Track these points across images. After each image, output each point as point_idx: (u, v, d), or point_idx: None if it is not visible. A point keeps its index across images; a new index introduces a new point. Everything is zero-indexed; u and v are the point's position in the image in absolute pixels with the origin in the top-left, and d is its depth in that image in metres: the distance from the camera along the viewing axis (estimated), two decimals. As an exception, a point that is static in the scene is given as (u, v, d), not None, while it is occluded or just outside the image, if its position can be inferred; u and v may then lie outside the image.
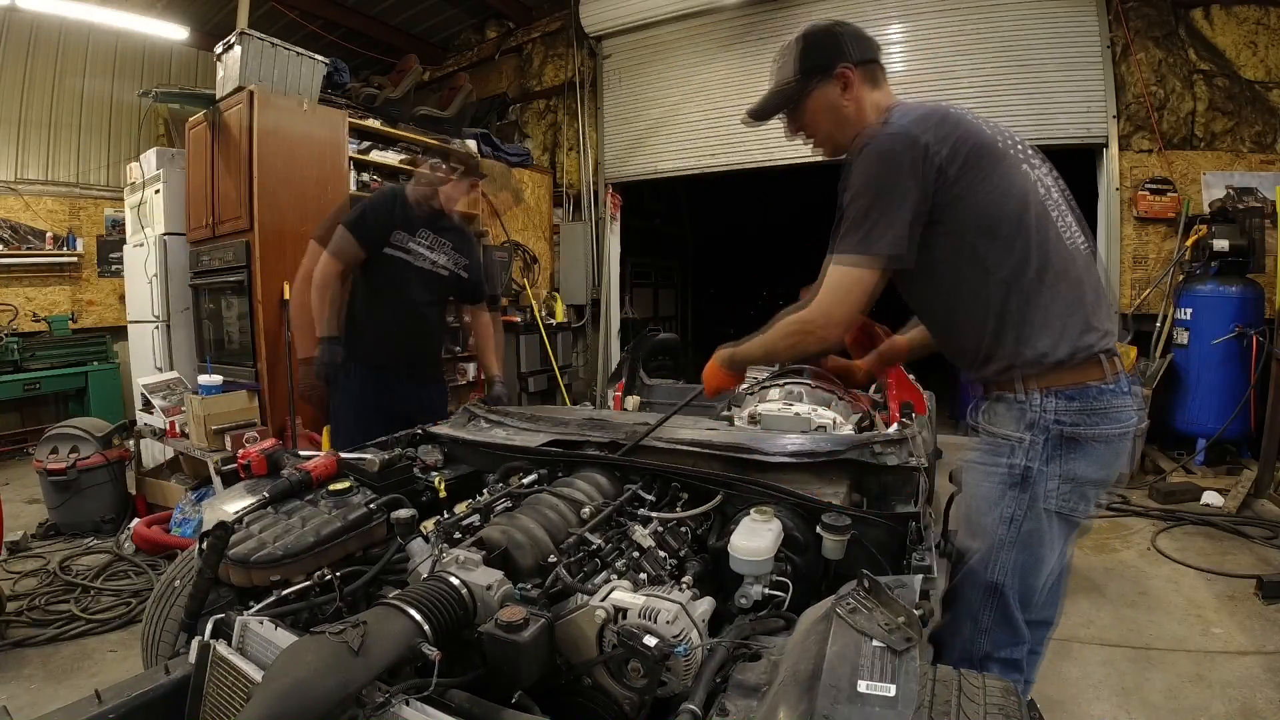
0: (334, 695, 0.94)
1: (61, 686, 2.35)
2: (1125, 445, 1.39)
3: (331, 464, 1.79)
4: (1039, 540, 1.40)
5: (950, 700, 0.93)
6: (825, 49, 1.50)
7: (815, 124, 1.58)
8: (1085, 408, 1.34)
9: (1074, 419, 1.34)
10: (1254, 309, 4.41)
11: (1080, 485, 1.37)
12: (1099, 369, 1.36)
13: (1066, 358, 1.34)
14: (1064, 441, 1.35)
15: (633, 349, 3.99)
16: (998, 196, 1.35)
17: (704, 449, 1.86)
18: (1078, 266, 1.39)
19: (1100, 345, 1.36)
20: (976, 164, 1.34)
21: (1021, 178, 1.38)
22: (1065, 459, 1.36)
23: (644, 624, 1.12)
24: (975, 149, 1.34)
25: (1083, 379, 1.35)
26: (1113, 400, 1.36)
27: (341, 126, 4.79)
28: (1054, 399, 1.35)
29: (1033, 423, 1.36)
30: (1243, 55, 5.02)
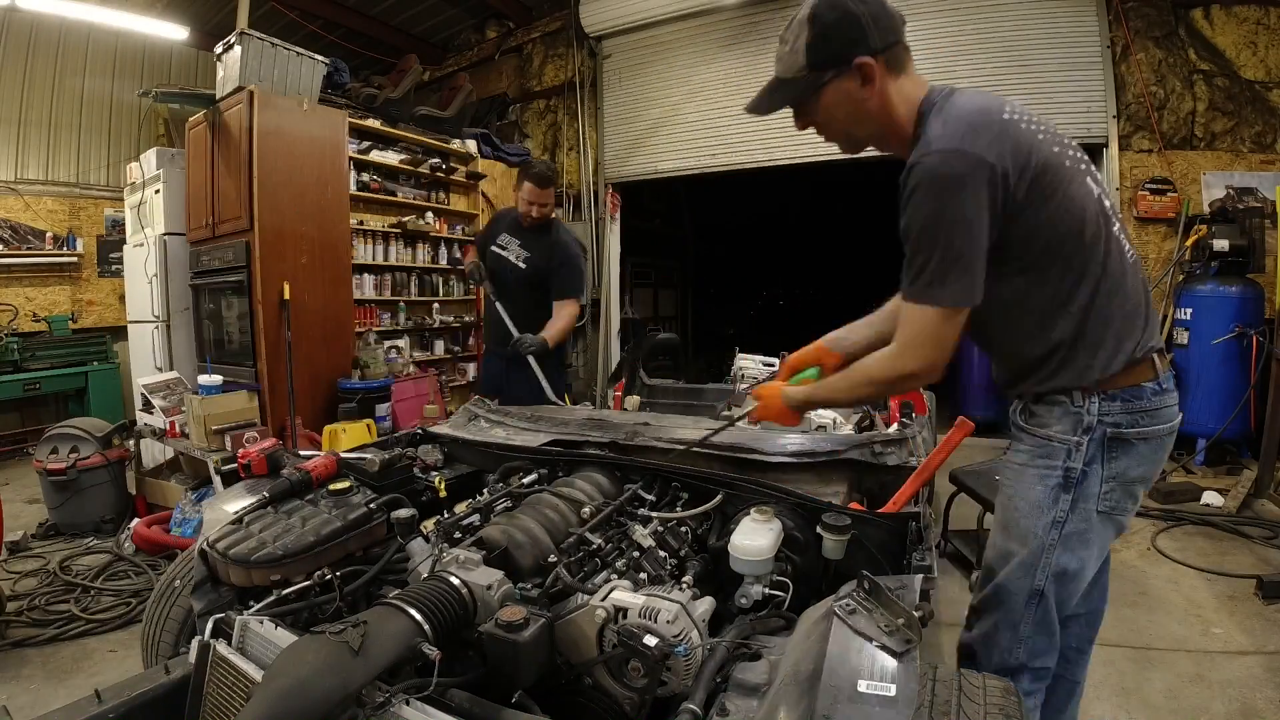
0: (334, 695, 0.94)
1: (61, 686, 2.35)
2: (1169, 442, 1.37)
3: (331, 464, 1.79)
4: (1084, 543, 1.36)
5: (950, 700, 0.93)
6: (841, 36, 1.26)
7: (830, 121, 1.40)
8: (1135, 408, 1.32)
9: (1123, 420, 1.32)
10: (1254, 309, 4.41)
11: (1128, 485, 1.35)
12: (1151, 369, 1.34)
13: (1124, 366, 1.31)
14: (1111, 443, 1.32)
15: (633, 349, 3.99)
16: (1063, 216, 1.26)
17: (704, 449, 1.86)
18: (1131, 276, 1.35)
19: (1152, 345, 1.34)
20: (1043, 183, 1.24)
21: (1084, 191, 1.30)
22: (1113, 460, 1.33)
23: (644, 624, 1.12)
24: (1042, 167, 1.24)
25: (1137, 380, 1.33)
26: (1160, 399, 1.34)
27: (341, 126, 4.79)
28: (1106, 401, 1.32)
29: (1088, 426, 1.32)
30: (1243, 55, 5.02)
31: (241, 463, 1.82)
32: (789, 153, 6.25)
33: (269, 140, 4.22)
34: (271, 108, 4.25)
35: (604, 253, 7.15)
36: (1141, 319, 1.34)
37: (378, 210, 5.60)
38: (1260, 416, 4.22)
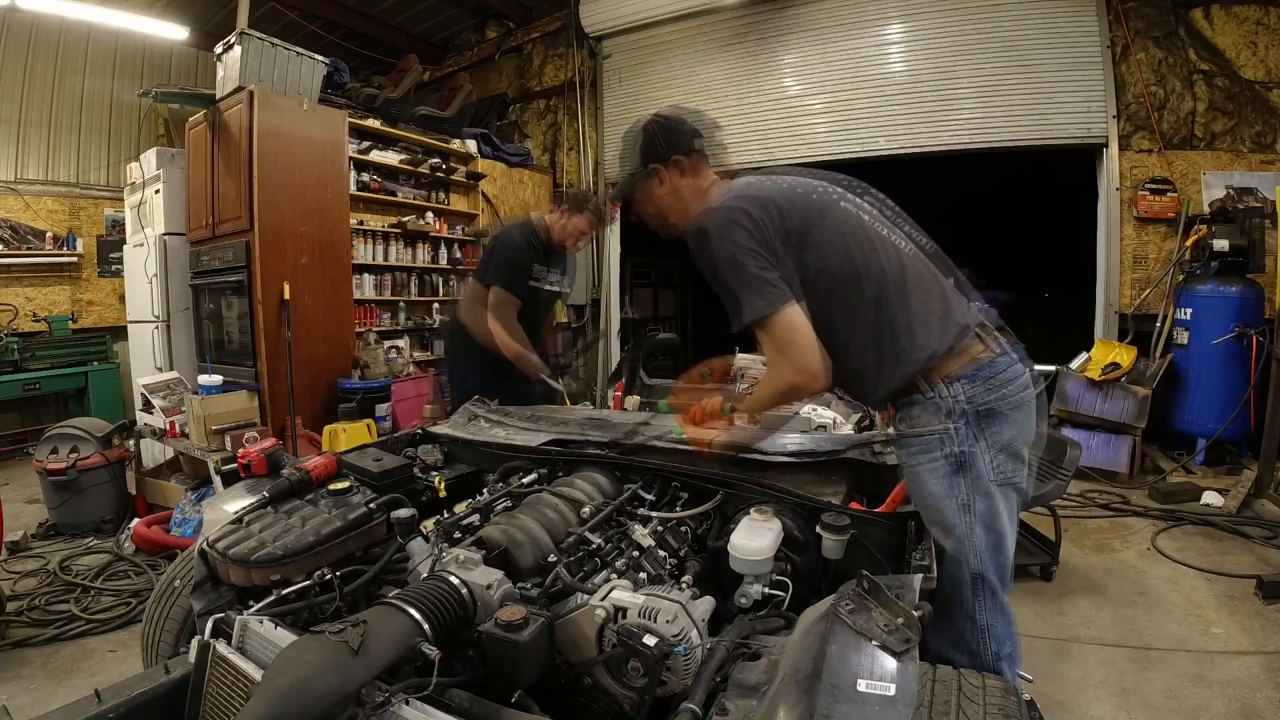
0: (334, 694, 0.94)
1: (61, 686, 2.35)
2: (1033, 404, 1.50)
3: (331, 464, 1.79)
4: (996, 514, 1.46)
5: (950, 700, 0.93)
6: (639, 148, 1.66)
7: (643, 212, 1.73)
8: (992, 382, 1.45)
9: (988, 395, 1.44)
10: (1254, 309, 4.41)
11: (1011, 450, 1.46)
12: (981, 344, 1.48)
13: (952, 345, 1.45)
14: (982, 417, 1.44)
15: (633, 349, 3.99)
16: (830, 247, 1.47)
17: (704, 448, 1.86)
18: (925, 267, 1.53)
19: (968, 323, 1.48)
20: (804, 229, 1.47)
21: (842, 215, 1.51)
22: (990, 431, 1.44)
23: (644, 623, 1.12)
24: (799, 219, 1.48)
25: (974, 357, 1.47)
26: (1007, 368, 1.47)
27: (341, 126, 4.80)
28: (959, 384, 1.45)
29: (950, 410, 1.44)
30: (1243, 55, 5.02)
31: (241, 463, 1.82)
32: (789, 153, 6.24)
33: (269, 140, 4.22)
34: (271, 108, 4.25)
35: (604, 253, 7.15)
36: (951, 299, 1.51)
37: (378, 210, 5.60)
38: (1260, 416, 4.22)
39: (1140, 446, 4.66)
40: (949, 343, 1.45)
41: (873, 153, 5.89)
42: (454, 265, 6.25)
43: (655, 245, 9.75)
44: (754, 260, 1.43)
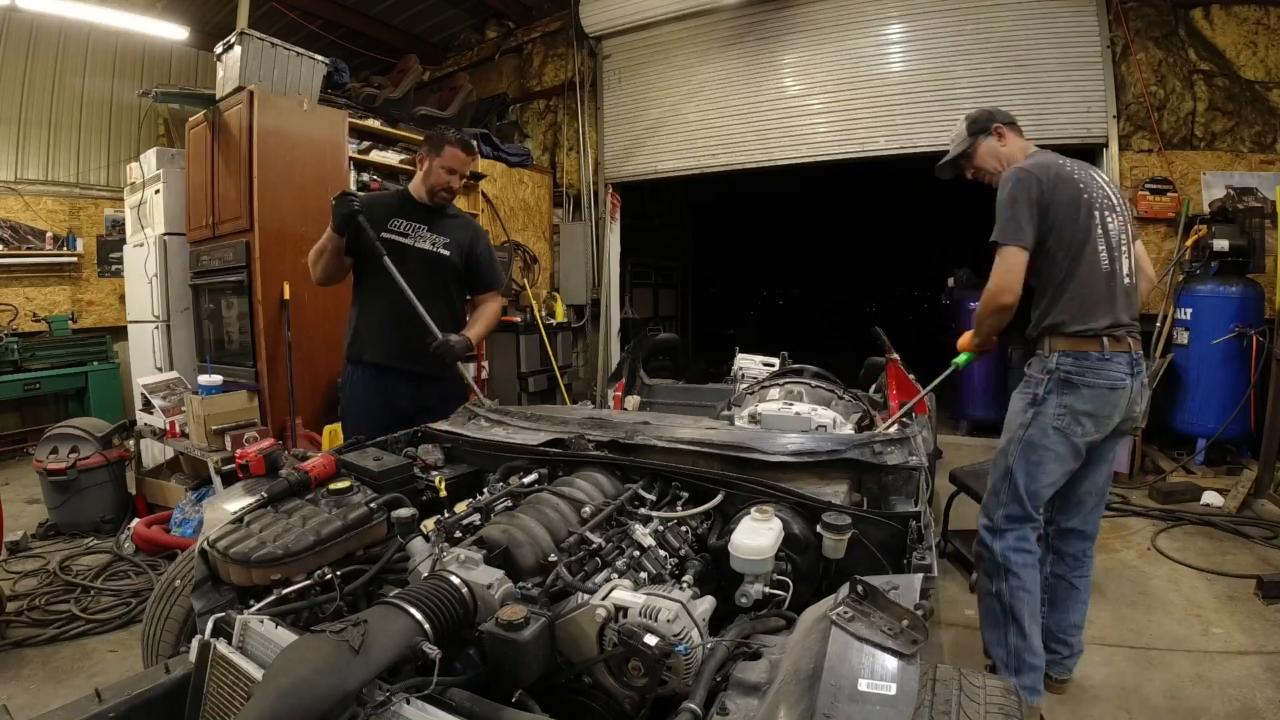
0: (334, 694, 0.94)
1: (61, 686, 2.35)
2: (1109, 396, 2.05)
3: (331, 464, 1.79)
4: (1043, 445, 2.08)
5: (950, 700, 0.93)
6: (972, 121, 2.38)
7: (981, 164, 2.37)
8: (1082, 366, 2.05)
9: (1073, 370, 2.05)
10: (1254, 309, 4.41)
11: (1076, 414, 2.05)
12: (1098, 345, 2.05)
13: (1072, 331, 2.06)
14: (1063, 383, 2.06)
15: (633, 349, 3.99)
16: (1070, 227, 2.07)
17: (704, 448, 1.86)
18: (1103, 280, 2.08)
19: (1102, 328, 2.05)
20: (1066, 203, 2.06)
21: (1086, 217, 2.07)
22: (1064, 394, 2.06)
23: (645, 623, 1.12)
24: (1065, 195, 2.07)
25: (1085, 348, 2.06)
26: (1102, 364, 2.04)
27: (341, 126, 4.79)
28: (1063, 357, 2.07)
29: (1048, 369, 2.09)
30: (1243, 55, 5.02)
31: (239, 463, 1.82)
32: (789, 153, 6.25)
33: (269, 140, 4.22)
34: (271, 108, 4.25)
35: (604, 253, 7.15)
36: (1098, 307, 2.06)
37: (378, 210, 5.59)
38: (1260, 416, 4.22)
39: (1140, 446, 4.66)
40: (1071, 329, 2.05)
41: (873, 153, 5.89)
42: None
43: (655, 245, 9.81)
44: (1016, 209, 2.04)
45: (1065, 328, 2.07)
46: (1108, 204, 2.13)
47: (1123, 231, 2.14)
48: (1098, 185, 2.15)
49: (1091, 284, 2.06)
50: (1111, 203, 2.14)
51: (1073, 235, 2.06)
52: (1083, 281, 2.06)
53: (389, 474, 1.81)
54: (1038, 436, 2.08)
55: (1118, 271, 2.10)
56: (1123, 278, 2.11)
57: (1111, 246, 2.10)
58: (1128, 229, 2.17)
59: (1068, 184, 2.08)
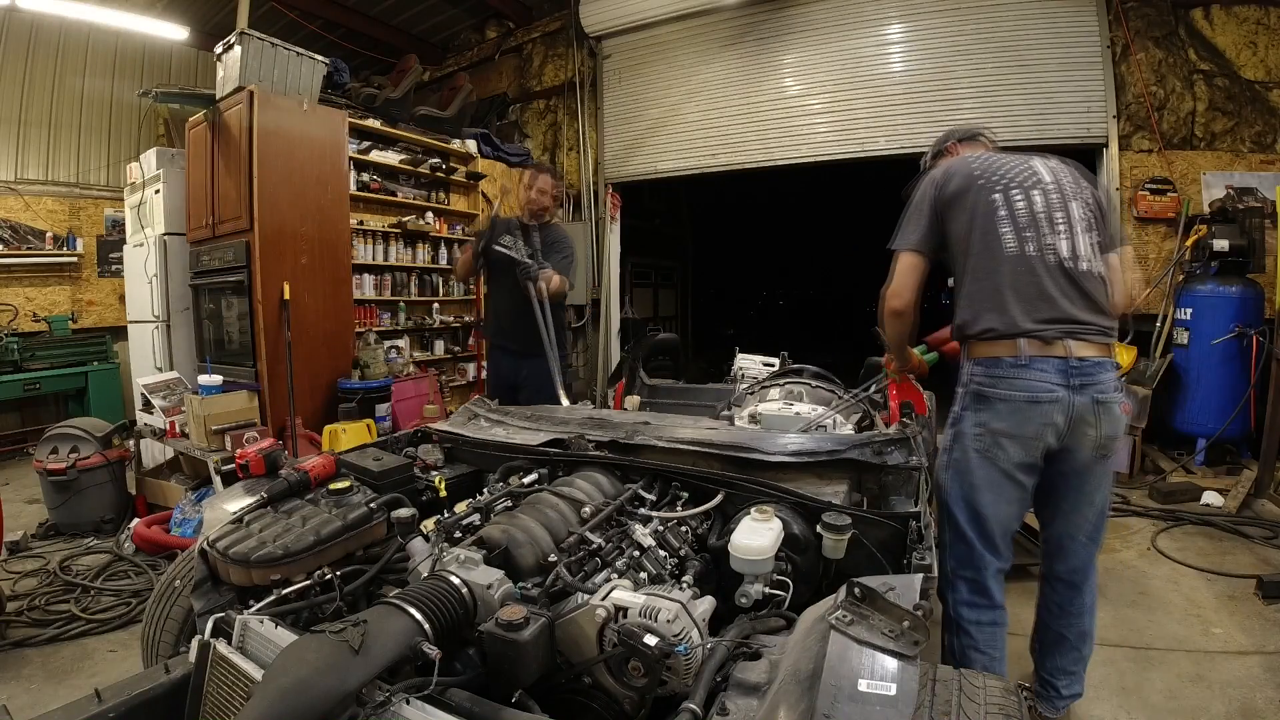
0: (334, 694, 0.94)
1: (61, 686, 2.35)
2: (1030, 411, 1.71)
3: (330, 464, 1.79)
4: (968, 470, 1.80)
5: (950, 700, 0.93)
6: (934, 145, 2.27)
7: None
8: (990, 374, 1.76)
9: (985, 380, 1.77)
10: (1254, 309, 4.41)
11: (995, 434, 1.76)
12: (1009, 347, 1.73)
13: (978, 333, 1.79)
14: (976, 396, 1.79)
15: (633, 349, 3.99)
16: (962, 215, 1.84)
17: (704, 448, 1.86)
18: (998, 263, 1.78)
19: (1013, 330, 1.73)
20: (955, 195, 1.85)
21: (977, 199, 1.82)
22: (978, 410, 1.79)
23: (645, 623, 1.12)
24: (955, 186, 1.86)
25: (992, 352, 1.76)
26: (1019, 373, 1.71)
27: (341, 126, 4.79)
28: (974, 365, 1.81)
29: (963, 381, 1.85)
30: (1243, 55, 5.02)
31: (239, 463, 1.82)
32: (789, 153, 6.25)
33: (269, 140, 4.22)
34: (271, 108, 4.25)
35: (604, 253, 7.15)
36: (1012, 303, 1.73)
37: (378, 210, 5.60)
38: (1260, 416, 4.22)
39: (1140, 446, 4.66)
40: (975, 330, 1.78)
41: (873, 153, 5.89)
42: (454, 265, 6.25)
43: (655, 245, 9.81)
44: (907, 213, 1.92)
45: (969, 329, 1.80)
46: (1028, 182, 1.81)
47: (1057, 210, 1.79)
48: (1012, 168, 1.85)
49: (990, 272, 1.76)
50: (1040, 180, 1.82)
51: (962, 225, 1.81)
52: (980, 272, 1.78)
53: (389, 474, 1.82)
54: (961, 461, 1.81)
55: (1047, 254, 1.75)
56: (1062, 262, 1.74)
57: (1021, 225, 1.76)
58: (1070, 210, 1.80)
59: (960, 176, 1.85)
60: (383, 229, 5.57)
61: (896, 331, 2.00)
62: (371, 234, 5.47)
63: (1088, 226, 1.80)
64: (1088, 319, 1.73)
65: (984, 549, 1.79)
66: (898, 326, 1.97)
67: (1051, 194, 1.80)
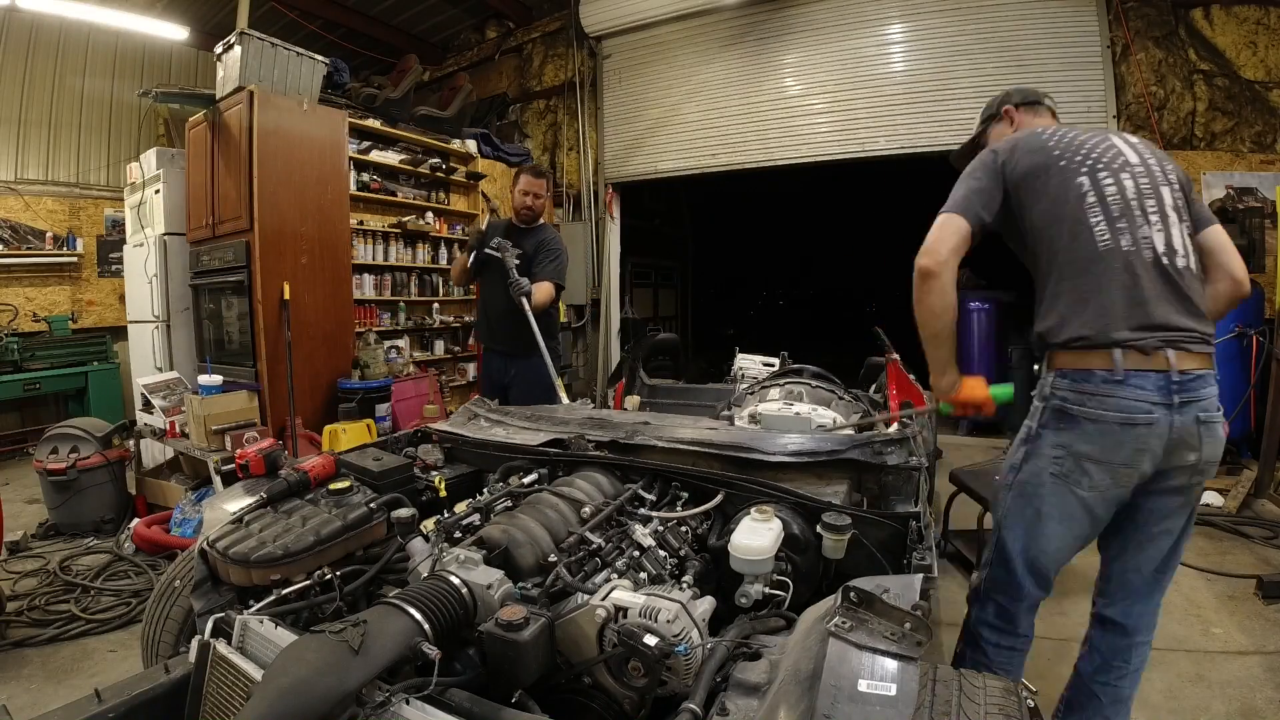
0: (334, 694, 0.94)
1: (61, 686, 2.35)
2: (1123, 434, 1.47)
3: (330, 464, 1.79)
4: (1037, 495, 1.57)
5: (950, 700, 0.93)
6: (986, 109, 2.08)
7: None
8: (1082, 390, 1.49)
9: (1070, 396, 1.51)
10: (1254, 309, 4.40)
11: (1078, 457, 1.51)
12: (1103, 358, 1.47)
13: (1064, 341, 1.53)
14: (1058, 414, 1.53)
15: (633, 349, 3.99)
16: (1042, 200, 1.59)
17: (704, 448, 1.86)
18: (1092, 258, 1.52)
19: (1106, 339, 1.48)
20: (1029, 173, 1.61)
21: (1061, 181, 1.58)
22: (1060, 429, 1.53)
23: (644, 623, 1.12)
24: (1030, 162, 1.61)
25: (1084, 363, 1.50)
26: (1110, 389, 1.46)
27: (341, 126, 4.79)
28: (1059, 377, 1.54)
29: (1043, 394, 1.58)
30: (1243, 55, 5.02)
31: (239, 463, 1.82)
32: (789, 153, 6.25)
33: (269, 140, 4.22)
34: (271, 108, 4.25)
35: (604, 253, 7.15)
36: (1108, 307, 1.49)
37: (378, 210, 5.60)
38: (1260, 416, 4.22)
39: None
40: (1062, 338, 1.53)
41: (873, 153, 5.89)
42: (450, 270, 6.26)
43: (655, 245, 9.81)
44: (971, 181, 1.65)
45: (1055, 336, 1.53)
46: (1115, 163, 1.57)
47: (1148, 196, 1.54)
48: (1094, 145, 1.62)
49: (1082, 270, 1.52)
50: (1126, 161, 1.58)
51: (1044, 211, 1.57)
52: (1068, 269, 1.53)
53: (389, 474, 1.82)
54: (1031, 485, 1.57)
55: (1143, 249, 1.50)
56: (1159, 258, 1.50)
57: (1114, 215, 1.51)
58: (1163, 195, 1.56)
59: (1033, 151, 1.62)
60: (383, 229, 5.57)
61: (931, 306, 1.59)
62: (371, 234, 5.47)
63: (1180, 215, 1.56)
64: (1189, 325, 1.48)
65: (1027, 579, 1.61)
66: (931, 295, 1.57)
67: (1141, 177, 1.55)
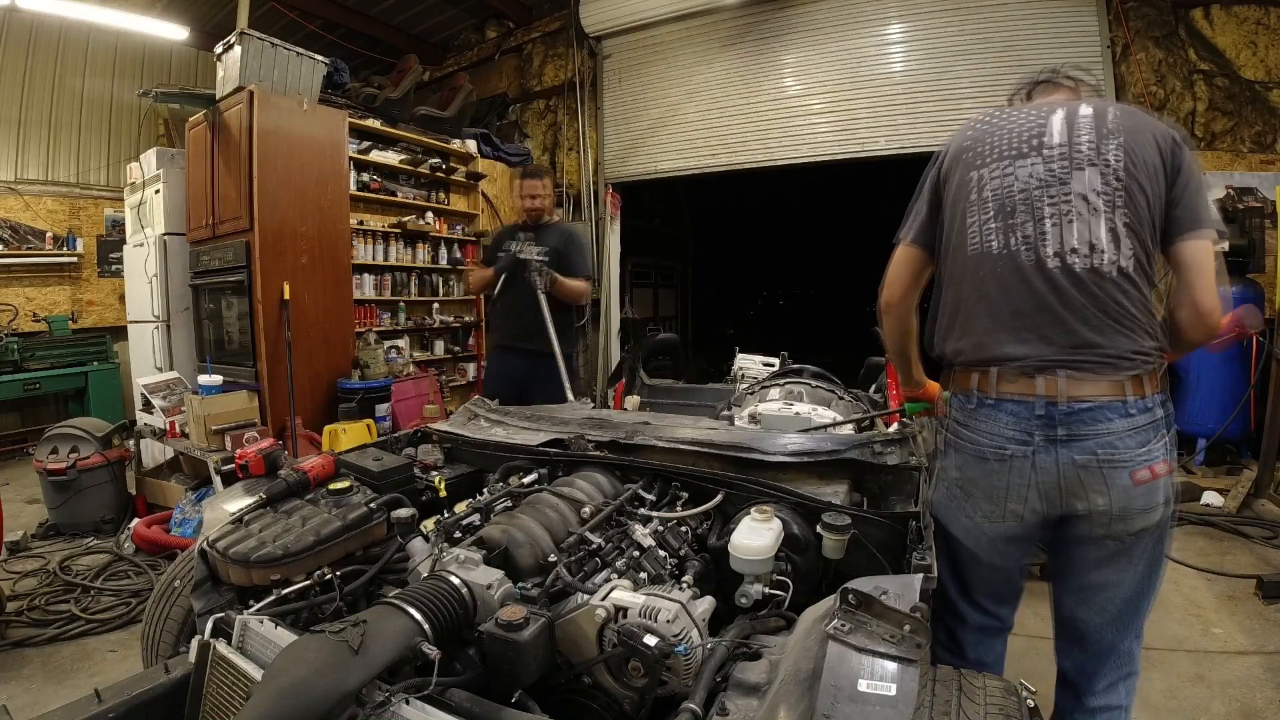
0: (333, 694, 0.94)
1: (61, 686, 2.35)
2: (988, 471, 1.34)
3: (330, 464, 1.79)
4: (944, 519, 1.49)
5: (950, 700, 0.93)
6: None
7: None
8: (964, 409, 1.42)
9: (956, 417, 1.44)
10: (1254, 309, 4.40)
11: (964, 484, 1.42)
12: (980, 378, 1.36)
13: (948, 355, 1.46)
14: (950, 434, 1.46)
15: (633, 349, 3.99)
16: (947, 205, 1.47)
17: (704, 448, 1.86)
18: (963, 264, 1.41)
19: (980, 355, 1.36)
20: (945, 177, 1.49)
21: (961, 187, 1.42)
22: (951, 452, 1.46)
23: (644, 623, 1.12)
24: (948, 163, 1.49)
25: (966, 384, 1.41)
26: (988, 414, 1.34)
27: (341, 126, 4.79)
28: (951, 395, 1.49)
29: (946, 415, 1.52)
30: (1243, 55, 5.02)
31: (239, 463, 1.82)
32: (789, 153, 6.24)
33: (269, 140, 4.22)
34: (271, 108, 4.25)
35: (604, 253, 7.15)
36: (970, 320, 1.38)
37: (378, 210, 5.60)
38: (1260, 416, 4.22)
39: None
40: (947, 350, 1.46)
41: (873, 153, 5.89)
42: (454, 265, 6.26)
43: (655, 245, 9.80)
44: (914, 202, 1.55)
45: (939, 349, 1.49)
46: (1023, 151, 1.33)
47: (1052, 184, 1.29)
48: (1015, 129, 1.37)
49: (959, 277, 1.39)
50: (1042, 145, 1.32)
51: (947, 214, 1.44)
52: (949, 277, 1.43)
53: (389, 474, 1.81)
54: (939, 509, 1.50)
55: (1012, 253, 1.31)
56: (1043, 260, 1.29)
57: (988, 215, 1.34)
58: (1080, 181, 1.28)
59: (952, 150, 1.48)
60: (383, 229, 5.57)
61: (889, 332, 1.62)
62: (371, 234, 5.47)
63: (1109, 204, 1.26)
64: (1092, 340, 1.25)
65: (961, 602, 1.51)
66: (888, 325, 1.60)
67: (1051, 162, 1.30)
